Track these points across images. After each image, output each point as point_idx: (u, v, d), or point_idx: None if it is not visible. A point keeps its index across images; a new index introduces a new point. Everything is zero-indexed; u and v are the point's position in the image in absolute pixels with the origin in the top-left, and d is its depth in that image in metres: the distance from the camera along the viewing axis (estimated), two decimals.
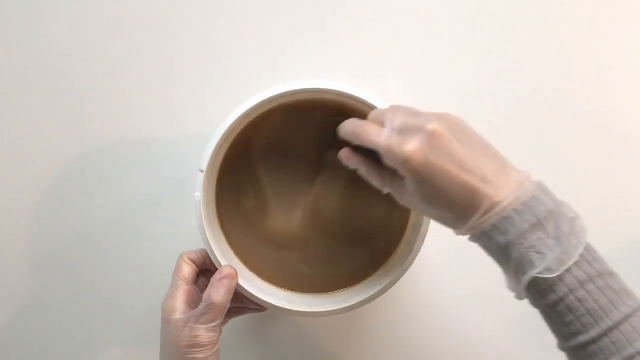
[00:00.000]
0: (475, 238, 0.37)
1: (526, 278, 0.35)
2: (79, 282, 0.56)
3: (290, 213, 0.50)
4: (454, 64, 0.55)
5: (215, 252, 0.45)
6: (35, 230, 0.56)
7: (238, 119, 0.45)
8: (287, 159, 0.49)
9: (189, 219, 0.55)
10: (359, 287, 0.48)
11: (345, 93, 0.45)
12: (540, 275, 0.34)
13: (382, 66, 0.55)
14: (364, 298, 0.46)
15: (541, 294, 0.35)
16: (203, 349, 0.42)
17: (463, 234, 0.37)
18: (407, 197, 0.38)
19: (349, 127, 0.40)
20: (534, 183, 0.36)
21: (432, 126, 0.36)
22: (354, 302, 0.46)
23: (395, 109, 0.39)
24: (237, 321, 0.50)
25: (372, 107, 0.45)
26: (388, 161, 0.37)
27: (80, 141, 0.56)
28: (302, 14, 0.55)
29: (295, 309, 0.46)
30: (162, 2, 0.55)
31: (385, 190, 0.40)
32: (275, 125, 0.48)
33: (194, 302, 0.45)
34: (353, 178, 0.50)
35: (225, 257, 0.47)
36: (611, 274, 0.35)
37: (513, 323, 0.55)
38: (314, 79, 0.46)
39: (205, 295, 0.43)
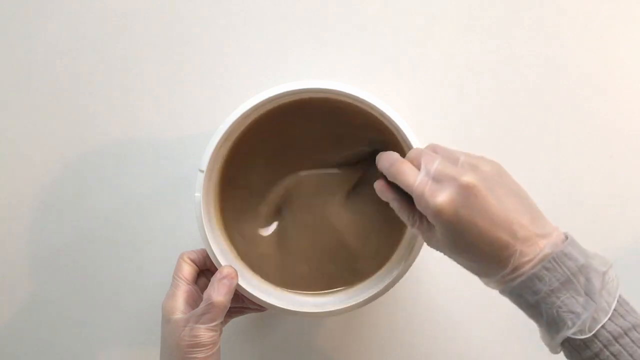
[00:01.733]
0: (504, 293, 0.37)
1: (559, 337, 0.35)
2: (78, 282, 0.56)
3: (290, 213, 0.50)
4: (455, 64, 0.55)
5: (215, 252, 0.45)
6: (35, 230, 0.56)
7: (238, 119, 0.45)
8: (287, 159, 0.49)
9: (189, 219, 0.55)
10: (359, 288, 0.48)
11: (346, 93, 0.44)
12: (573, 337, 0.34)
13: (383, 66, 0.55)
14: (364, 298, 0.46)
15: (576, 350, 0.35)
16: (203, 348, 0.42)
17: (491, 287, 0.37)
18: (435, 242, 0.39)
19: (387, 163, 0.41)
20: (564, 237, 0.36)
21: (466, 178, 0.36)
22: (354, 302, 0.46)
23: (433, 149, 0.39)
24: (237, 321, 0.50)
25: (372, 107, 0.45)
26: (419, 207, 0.37)
27: (80, 141, 0.56)
28: (302, 14, 0.55)
29: (295, 310, 0.46)
30: (162, 2, 0.55)
31: (414, 230, 0.40)
32: (275, 125, 0.48)
33: (194, 301, 0.45)
34: (354, 179, 0.50)
35: (224, 257, 0.47)
36: None
37: (514, 323, 0.55)
38: (314, 79, 0.46)
39: (206, 295, 0.43)
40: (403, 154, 0.46)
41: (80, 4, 0.55)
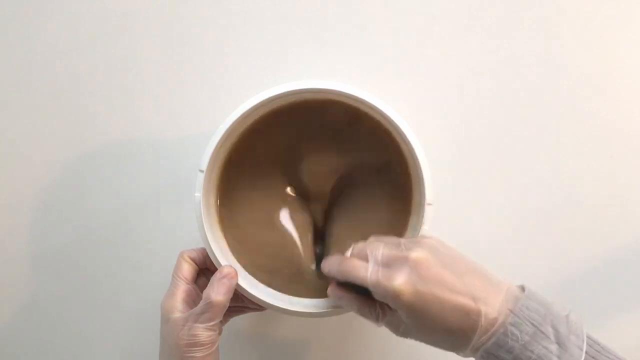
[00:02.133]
0: (481, 359, 0.37)
1: None
2: (78, 281, 0.56)
3: (290, 213, 0.50)
4: (455, 64, 0.55)
5: (215, 252, 0.45)
6: (35, 229, 0.56)
7: (238, 119, 0.45)
8: (287, 159, 0.49)
9: (189, 219, 0.55)
10: None
11: (346, 93, 0.45)
12: None
13: (383, 66, 0.55)
14: None
15: None
16: (202, 347, 0.42)
17: (468, 356, 0.37)
18: (402, 329, 0.39)
19: (334, 266, 0.41)
20: (519, 291, 0.37)
21: (415, 255, 0.37)
22: None
23: (375, 240, 0.40)
24: (237, 321, 0.50)
25: (372, 107, 0.45)
26: (378, 297, 0.38)
27: (80, 141, 0.56)
28: (302, 14, 0.55)
29: (295, 310, 0.46)
30: (162, 2, 0.55)
31: (380, 325, 0.40)
32: (275, 125, 0.48)
33: (193, 301, 0.45)
34: (354, 179, 0.50)
35: (224, 256, 0.47)
36: None
37: None
38: (314, 79, 0.46)
39: (205, 294, 0.43)
40: (403, 154, 0.46)
41: (80, 4, 0.55)
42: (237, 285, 0.45)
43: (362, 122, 0.47)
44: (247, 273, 0.48)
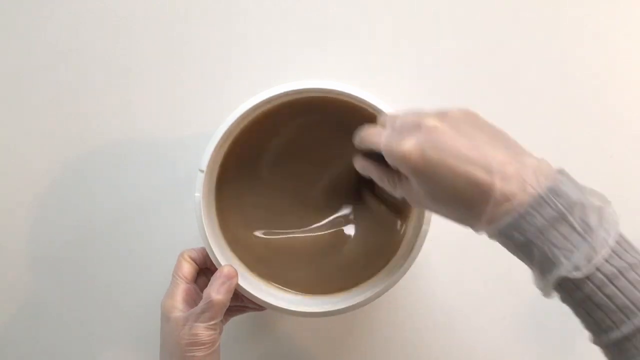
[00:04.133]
0: (493, 236, 0.35)
1: (552, 278, 0.32)
2: (78, 281, 0.56)
3: (290, 213, 0.50)
4: (455, 64, 0.55)
5: (215, 252, 0.45)
6: (35, 229, 0.56)
7: (238, 119, 0.45)
8: (287, 159, 0.49)
9: (189, 219, 0.55)
10: (359, 287, 0.48)
11: (346, 93, 0.45)
12: (567, 275, 0.32)
13: (383, 66, 0.55)
14: (364, 298, 0.46)
15: (568, 292, 0.33)
16: (202, 347, 0.42)
17: (481, 231, 0.35)
18: (416, 197, 0.37)
19: (358, 134, 0.40)
20: (553, 171, 0.34)
21: (430, 121, 0.35)
22: (354, 302, 0.46)
23: (400, 111, 0.39)
24: (237, 321, 0.50)
25: (373, 107, 0.45)
26: (390, 161, 0.36)
27: (80, 141, 0.56)
28: (302, 14, 0.55)
29: (295, 309, 0.46)
30: (162, 2, 0.55)
31: (398, 193, 0.39)
32: (275, 125, 0.48)
33: (193, 300, 0.45)
34: (353, 179, 0.50)
35: (224, 256, 0.47)
36: None
37: (513, 322, 0.55)
38: (314, 79, 0.46)
39: (205, 293, 0.43)
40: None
41: (81, 4, 0.55)
42: (237, 285, 0.45)
43: (362, 121, 0.47)
44: (247, 273, 0.48)
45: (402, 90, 0.55)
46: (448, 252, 0.55)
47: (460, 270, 0.56)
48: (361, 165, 0.42)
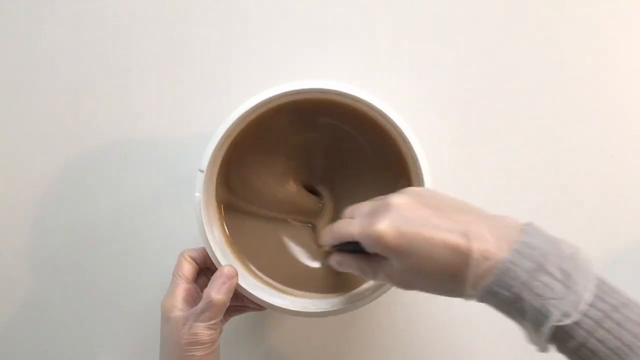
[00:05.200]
0: (482, 299, 0.35)
1: (545, 329, 0.33)
2: (78, 281, 0.56)
3: (290, 213, 0.50)
4: (455, 64, 0.55)
5: (215, 252, 0.45)
6: (35, 230, 0.56)
7: (238, 119, 0.45)
8: (287, 160, 0.49)
9: (189, 219, 0.55)
10: (359, 288, 0.48)
11: (346, 93, 0.45)
12: (559, 324, 0.32)
13: (383, 66, 0.55)
14: (364, 298, 0.46)
15: (561, 342, 0.33)
16: (202, 346, 0.42)
17: (469, 297, 0.35)
18: (398, 277, 0.37)
19: (326, 234, 0.42)
20: (521, 226, 0.35)
21: (396, 199, 0.36)
22: (354, 303, 0.46)
23: (362, 202, 0.40)
24: (237, 321, 0.50)
25: (372, 107, 0.45)
26: (367, 247, 0.37)
27: (80, 141, 0.56)
28: (302, 14, 0.55)
29: (295, 309, 0.46)
30: (162, 2, 0.55)
31: (380, 279, 0.39)
32: (275, 125, 0.48)
33: (193, 300, 0.45)
34: (354, 179, 0.50)
35: (224, 256, 0.47)
36: (627, 305, 0.33)
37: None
38: (313, 79, 0.46)
39: (205, 293, 0.43)
40: (402, 154, 0.46)
41: (81, 4, 0.55)
42: (237, 285, 0.45)
43: (362, 121, 0.47)
44: (247, 273, 0.48)
45: (402, 90, 0.55)
46: None
47: None
48: (337, 261, 0.42)
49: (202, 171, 0.45)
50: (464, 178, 0.55)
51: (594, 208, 0.55)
